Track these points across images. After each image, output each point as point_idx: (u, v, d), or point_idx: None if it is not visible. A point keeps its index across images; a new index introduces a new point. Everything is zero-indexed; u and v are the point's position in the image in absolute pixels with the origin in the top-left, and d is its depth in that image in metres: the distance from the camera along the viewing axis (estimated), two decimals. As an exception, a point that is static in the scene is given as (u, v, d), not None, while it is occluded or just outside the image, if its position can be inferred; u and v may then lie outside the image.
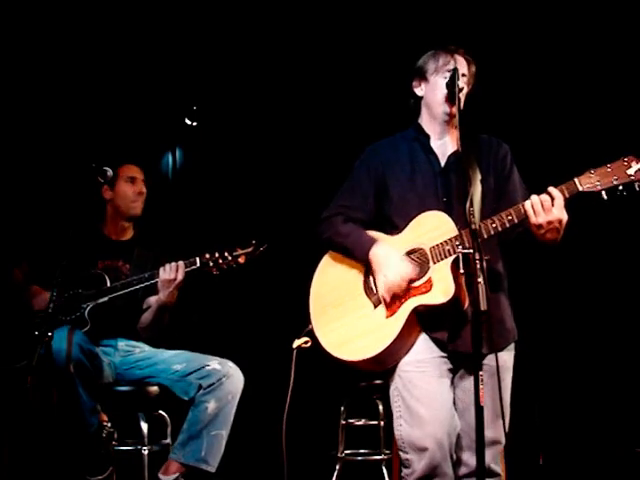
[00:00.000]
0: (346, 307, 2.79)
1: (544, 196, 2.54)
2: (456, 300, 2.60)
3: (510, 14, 4.63)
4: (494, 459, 2.69)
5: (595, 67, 4.63)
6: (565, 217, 2.55)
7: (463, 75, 2.78)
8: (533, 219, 2.54)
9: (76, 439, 3.41)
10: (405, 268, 2.68)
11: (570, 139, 4.62)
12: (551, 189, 2.55)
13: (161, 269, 3.58)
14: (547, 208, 2.52)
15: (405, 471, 2.69)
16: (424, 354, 2.70)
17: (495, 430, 2.61)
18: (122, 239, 3.95)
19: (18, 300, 3.69)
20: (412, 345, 2.72)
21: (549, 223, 2.53)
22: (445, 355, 2.70)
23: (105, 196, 3.90)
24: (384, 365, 2.76)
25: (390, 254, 2.72)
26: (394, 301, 2.70)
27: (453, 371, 2.74)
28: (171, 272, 3.56)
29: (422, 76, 2.86)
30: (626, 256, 4.71)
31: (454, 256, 2.59)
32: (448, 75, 2.76)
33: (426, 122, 2.89)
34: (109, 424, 3.53)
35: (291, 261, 4.55)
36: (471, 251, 2.44)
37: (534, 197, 2.55)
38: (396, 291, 2.67)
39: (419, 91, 2.89)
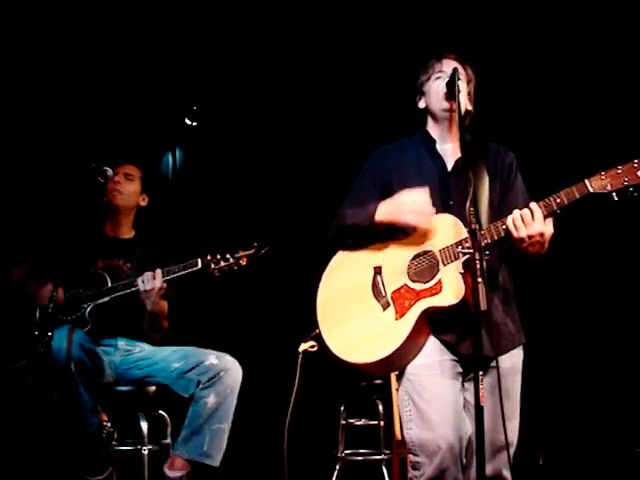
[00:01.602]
0: (354, 310, 2.77)
1: (524, 210, 2.57)
2: (465, 302, 2.58)
3: (518, 20, 4.64)
4: (505, 464, 2.68)
5: (607, 71, 4.63)
6: (547, 230, 2.57)
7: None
8: (515, 233, 2.57)
9: (76, 439, 3.41)
10: (420, 196, 2.67)
11: (580, 143, 4.62)
12: (532, 204, 2.58)
13: (139, 280, 3.59)
14: (527, 222, 2.55)
15: (414, 473, 2.68)
16: (433, 357, 2.70)
17: (505, 434, 2.60)
18: (122, 237, 3.95)
19: (18, 300, 3.69)
20: (421, 348, 2.71)
21: (530, 237, 2.56)
22: (455, 359, 2.70)
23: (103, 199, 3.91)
24: (392, 368, 2.77)
25: (397, 200, 2.71)
26: (403, 303, 2.69)
27: (463, 375, 2.72)
28: (148, 282, 3.56)
29: (420, 90, 2.94)
30: (627, 258, 4.71)
31: (464, 258, 2.60)
32: (441, 75, 2.83)
33: (432, 127, 2.92)
34: (109, 424, 3.53)
35: (295, 262, 4.56)
36: (471, 251, 2.46)
37: (515, 212, 2.58)
38: (427, 221, 2.67)
39: (422, 103, 2.95)
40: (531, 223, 2.55)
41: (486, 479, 2.39)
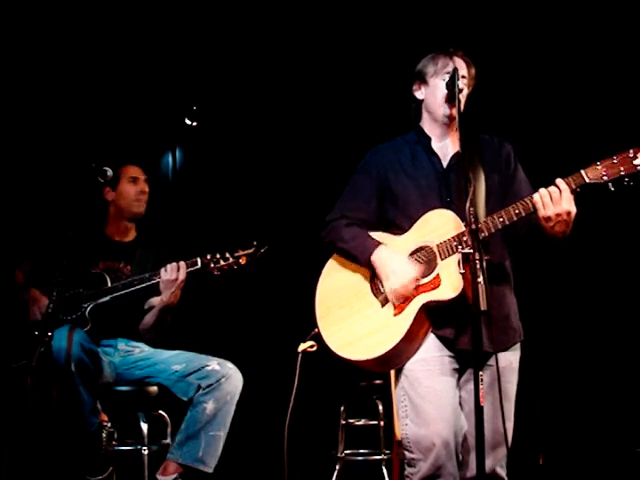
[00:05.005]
0: (353, 307, 2.78)
1: (552, 188, 2.55)
2: (463, 297, 2.58)
3: (513, 9, 4.64)
4: (499, 462, 2.68)
5: (598, 62, 4.64)
6: (574, 209, 2.55)
7: (463, 77, 2.79)
8: (542, 212, 2.54)
9: (76, 439, 3.41)
10: (410, 271, 2.67)
11: (575, 135, 4.62)
12: (558, 181, 2.55)
13: (162, 270, 3.59)
14: (555, 200, 2.53)
15: (409, 470, 2.68)
16: (430, 352, 2.69)
17: (500, 433, 2.60)
18: (124, 240, 3.95)
19: (19, 300, 3.69)
20: (421, 344, 2.70)
21: (557, 215, 2.53)
22: (452, 355, 2.70)
23: (107, 197, 3.91)
24: (390, 365, 2.75)
25: (393, 258, 2.70)
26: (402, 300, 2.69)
27: (459, 371, 2.72)
28: (172, 272, 3.57)
29: (422, 79, 2.88)
30: (628, 257, 4.71)
31: (461, 252, 2.59)
32: (447, 77, 2.77)
33: (427, 125, 2.90)
34: (109, 424, 3.53)
35: (294, 262, 4.56)
36: (471, 251, 2.45)
37: (542, 190, 2.55)
38: (404, 294, 2.66)
39: (419, 94, 2.91)
40: (559, 201, 2.52)
41: (480, 474, 2.37)
